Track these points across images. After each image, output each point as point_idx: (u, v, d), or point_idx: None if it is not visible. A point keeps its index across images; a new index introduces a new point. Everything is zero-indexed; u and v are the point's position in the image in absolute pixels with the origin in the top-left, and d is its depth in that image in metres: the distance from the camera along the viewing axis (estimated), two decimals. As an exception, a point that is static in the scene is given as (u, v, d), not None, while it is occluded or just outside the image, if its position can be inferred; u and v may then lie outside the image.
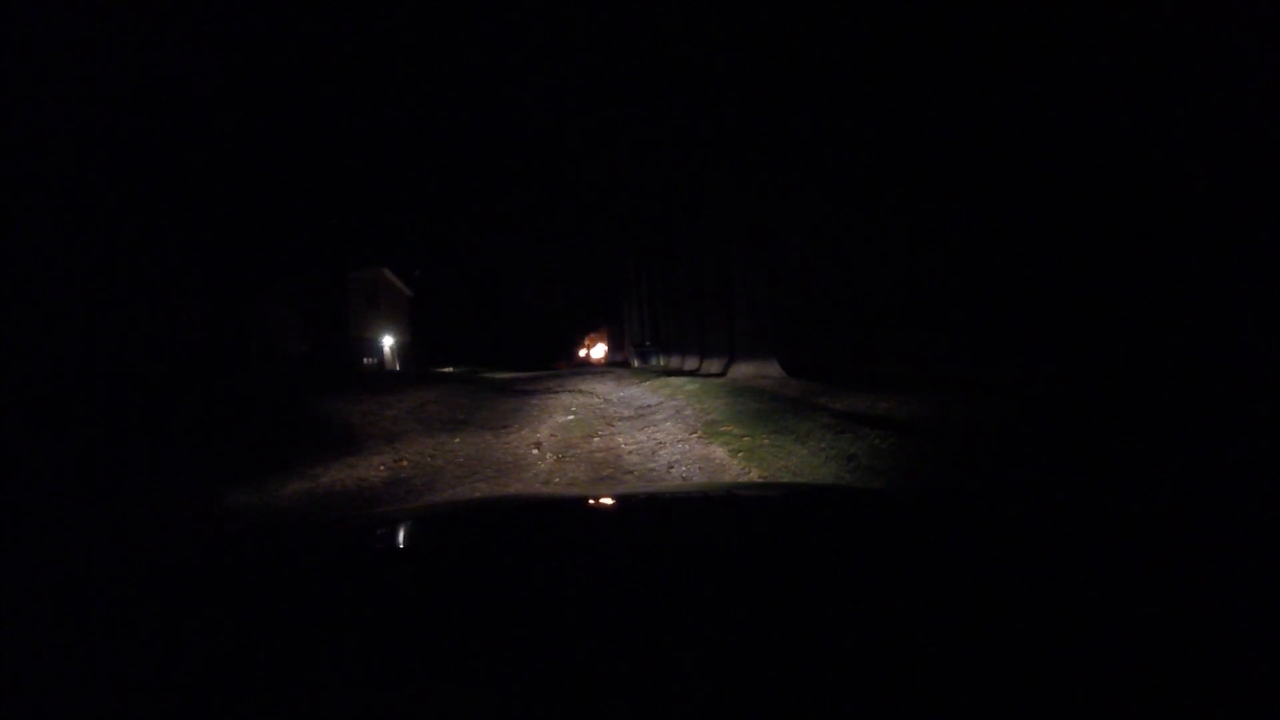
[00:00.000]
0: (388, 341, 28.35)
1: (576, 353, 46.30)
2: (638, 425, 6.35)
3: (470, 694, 0.45)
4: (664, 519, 1.16)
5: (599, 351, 44.17)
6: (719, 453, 4.57)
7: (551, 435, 5.95)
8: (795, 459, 4.12)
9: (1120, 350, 4.86)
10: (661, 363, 17.39)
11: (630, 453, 4.90)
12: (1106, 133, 4.98)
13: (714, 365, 11.16)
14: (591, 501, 1.41)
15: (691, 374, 11.64)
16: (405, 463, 4.79)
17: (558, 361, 37.12)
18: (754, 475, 3.90)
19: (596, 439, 5.65)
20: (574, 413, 7.73)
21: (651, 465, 4.40)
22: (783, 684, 0.44)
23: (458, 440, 5.79)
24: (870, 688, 0.44)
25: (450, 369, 22.43)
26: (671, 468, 4.27)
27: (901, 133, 7.63)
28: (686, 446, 4.94)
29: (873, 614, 0.57)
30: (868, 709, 0.41)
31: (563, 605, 0.63)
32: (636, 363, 22.16)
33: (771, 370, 9.23)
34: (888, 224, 8.46)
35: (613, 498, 1.53)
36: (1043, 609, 0.57)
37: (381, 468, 4.62)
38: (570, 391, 10.85)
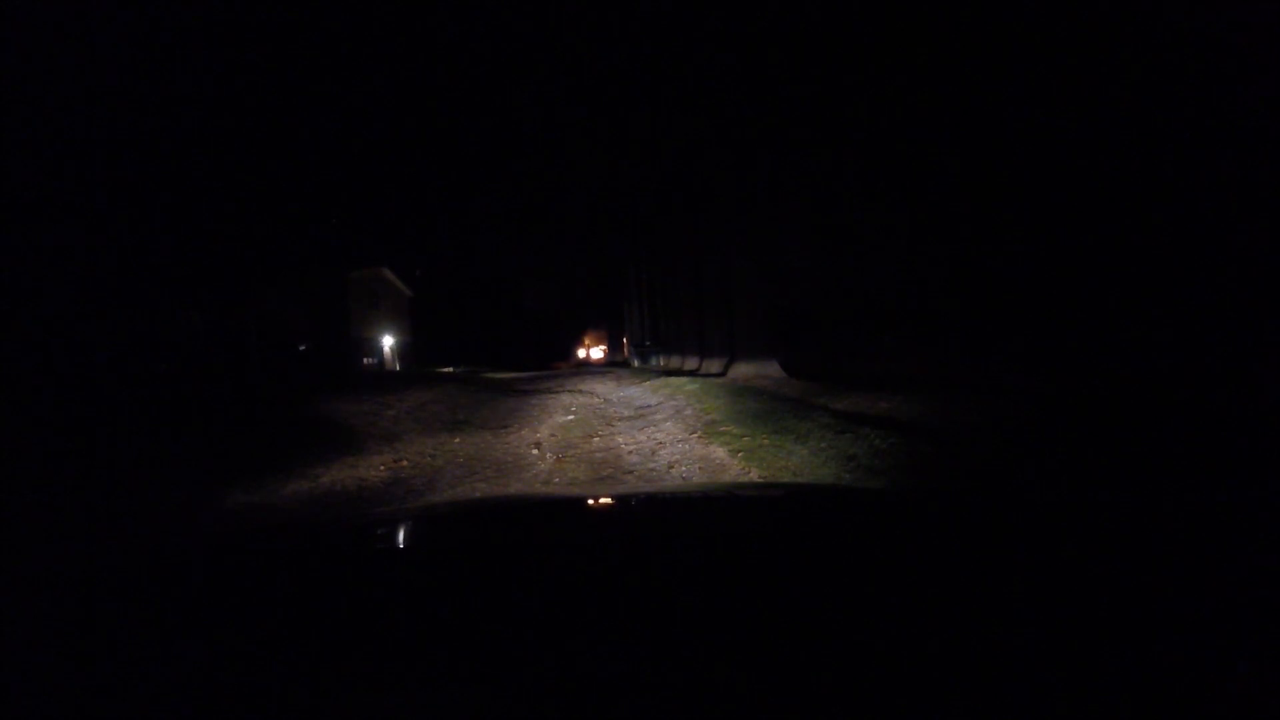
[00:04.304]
0: (388, 341, 28.34)
1: (576, 353, 46.28)
2: (638, 425, 6.35)
3: (470, 694, 0.45)
4: (664, 519, 1.16)
5: (599, 351, 44.16)
6: (719, 453, 4.57)
7: (551, 435, 5.94)
8: (795, 459, 4.12)
9: (1121, 350, 4.86)
10: (661, 363, 17.38)
11: (630, 453, 4.90)
12: (1107, 132, 4.98)
13: (714, 365, 11.15)
14: (591, 501, 1.41)
15: (691, 374, 11.63)
16: (405, 463, 4.79)
17: (558, 362, 37.10)
18: (754, 475, 3.90)
19: (596, 439, 5.65)
20: (574, 413, 7.73)
21: (651, 465, 4.40)
22: (784, 684, 0.44)
23: (458, 440, 5.79)
24: (871, 687, 0.44)
25: (450, 369, 22.42)
26: (671, 468, 4.27)
27: (902, 133, 7.63)
28: (686, 446, 4.94)
29: (873, 614, 0.57)
30: (869, 709, 0.41)
31: (562, 605, 0.63)
32: (636, 363, 22.16)
33: (771, 370, 9.22)
34: (888, 224, 8.45)
35: (613, 498, 1.53)
36: (1043, 609, 0.57)
37: (381, 468, 4.62)
38: (570, 391, 10.85)
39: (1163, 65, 4.43)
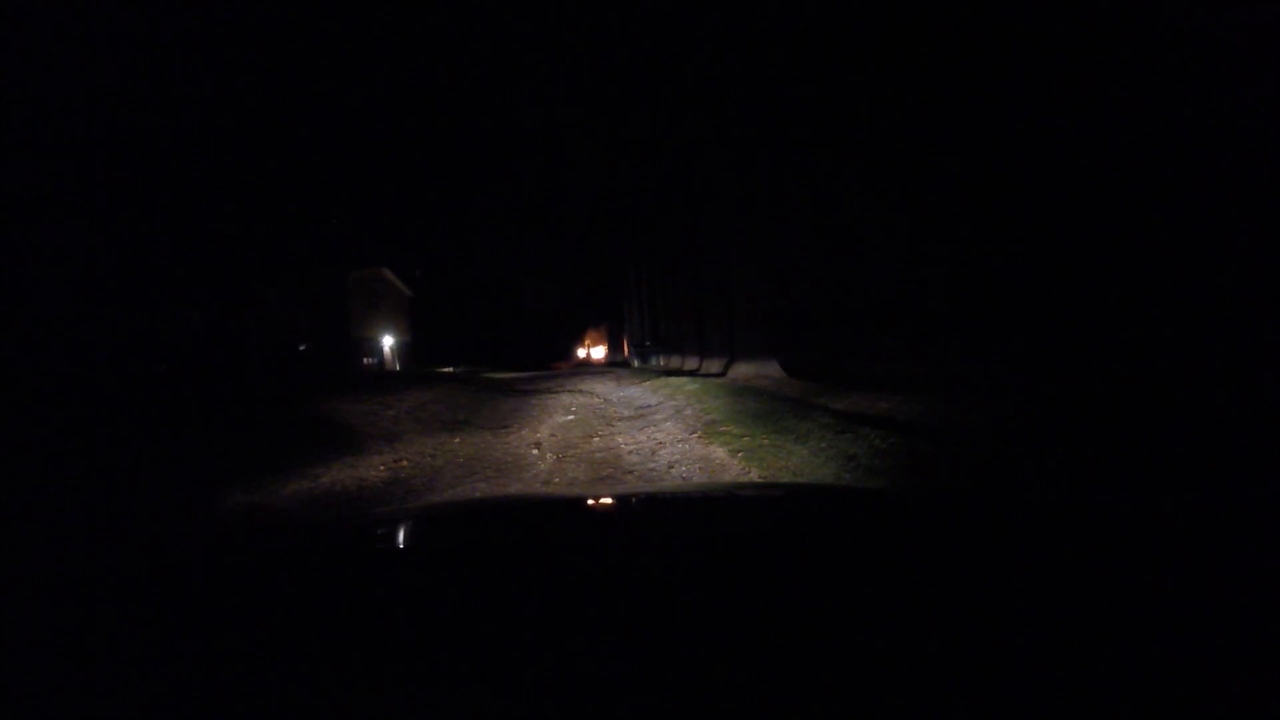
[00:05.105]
0: (388, 341, 28.35)
1: (576, 353, 46.31)
2: (638, 425, 6.35)
3: (470, 694, 0.45)
4: (664, 519, 1.16)
5: (599, 351, 44.18)
6: (719, 453, 4.57)
7: (551, 435, 5.95)
8: (795, 459, 4.12)
9: (1121, 350, 4.86)
10: (661, 363, 17.39)
11: (630, 453, 4.90)
12: (1106, 132, 4.98)
13: (714, 365, 11.15)
14: (591, 501, 1.41)
15: (691, 374, 11.63)
16: (405, 463, 4.79)
17: (558, 362, 37.13)
18: (754, 475, 3.90)
19: (596, 439, 5.65)
20: (574, 413, 7.73)
21: (651, 465, 4.40)
22: (784, 684, 0.44)
23: (457, 440, 5.79)
24: (871, 687, 0.44)
25: (450, 369, 22.42)
26: (671, 468, 4.27)
27: (902, 133, 7.63)
28: (686, 446, 4.94)
29: (873, 614, 0.57)
30: (869, 709, 0.41)
31: (562, 606, 0.63)
32: (636, 363, 22.17)
33: (771, 370, 9.22)
34: (888, 224, 8.45)
35: (613, 498, 1.53)
36: (1043, 609, 0.57)
37: (381, 468, 4.62)
38: (570, 391, 10.85)
39: (1163, 65, 4.43)
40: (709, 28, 10.04)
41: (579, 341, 46.99)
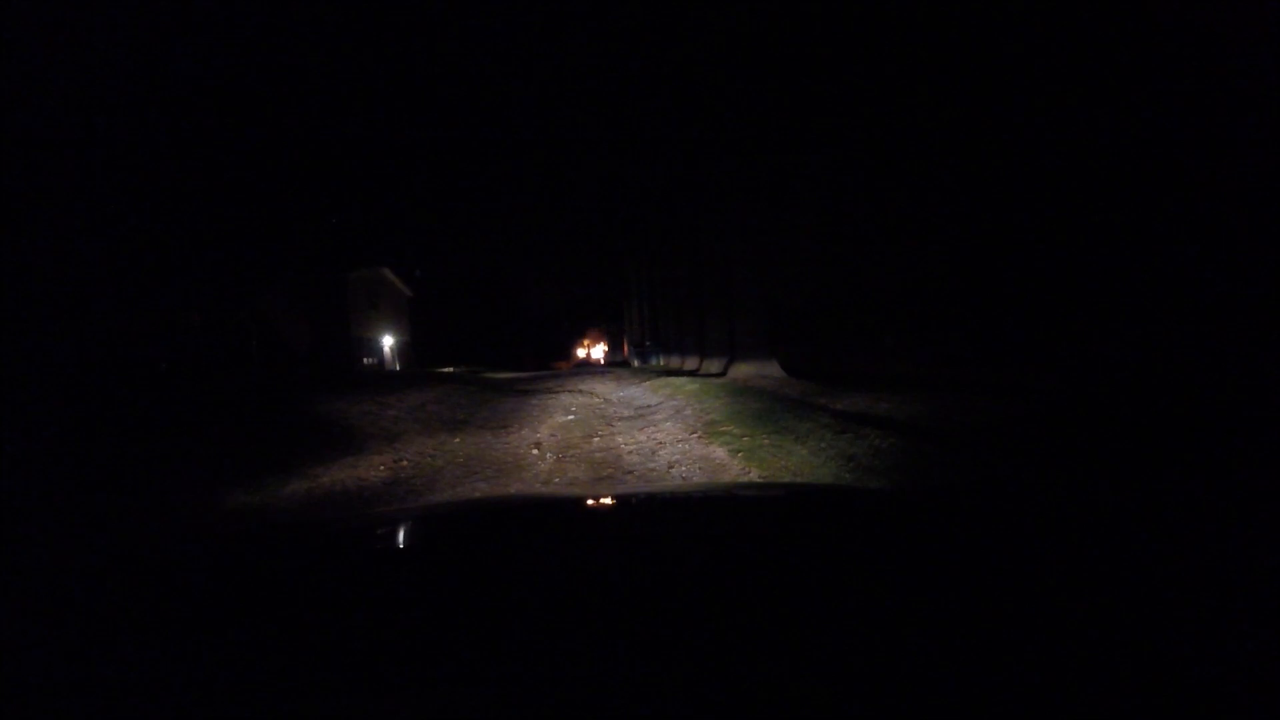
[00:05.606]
0: (388, 341, 28.35)
1: (576, 353, 46.35)
2: (638, 425, 6.35)
3: (470, 694, 0.45)
4: (664, 519, 1.16)
5: (599, 351, 44.24)
6: (719, 453, 4.57)
7: (551, 435, 5.94)
8: (795, 459, 4.12)
9: (1121, 350, 4.86)
10: (661, 363, 17.39)
11: (630, 453, 4.90)
12: (1108, 131, 4.98)
13: (714, 365, 11.15)
14: (591, 501, 1.41)
15: (691, 374, 11.63)
16: (405, 463, 4.79)
17: (558, 362, 37.18)
18: (754, 475, 3.90)
19: (596, 439, 5.65)
20: (574, 413, 7.73)
21: (651, 465, 4.40)
22: (783, 684, 0.44)
23: (458, 440, 5.79)
24: (870, 688, 0.44)
25: (450, 369, 22.41)
26: (671, 468, 4.27)
27: (903, 135, 7.63)
28: (686, 446, 4.94)
29: (873, 614, 0.57)
30: (869, 708, 0.41)
31: (562, 606, 0.63)
32: (636, 363, 22.17)
33: (771, 370, 9.22)
34: (888, 225, 8.46)
35: (613, 498, 1.53)
36: (1044, 608, 0.57)
37: (381, 468, 4.62)
38: (570, 391, 10.85)
39: (1163, 65, 4.43)
40: (710, 27, 10.04)
41: (579, 341, 47.02)
